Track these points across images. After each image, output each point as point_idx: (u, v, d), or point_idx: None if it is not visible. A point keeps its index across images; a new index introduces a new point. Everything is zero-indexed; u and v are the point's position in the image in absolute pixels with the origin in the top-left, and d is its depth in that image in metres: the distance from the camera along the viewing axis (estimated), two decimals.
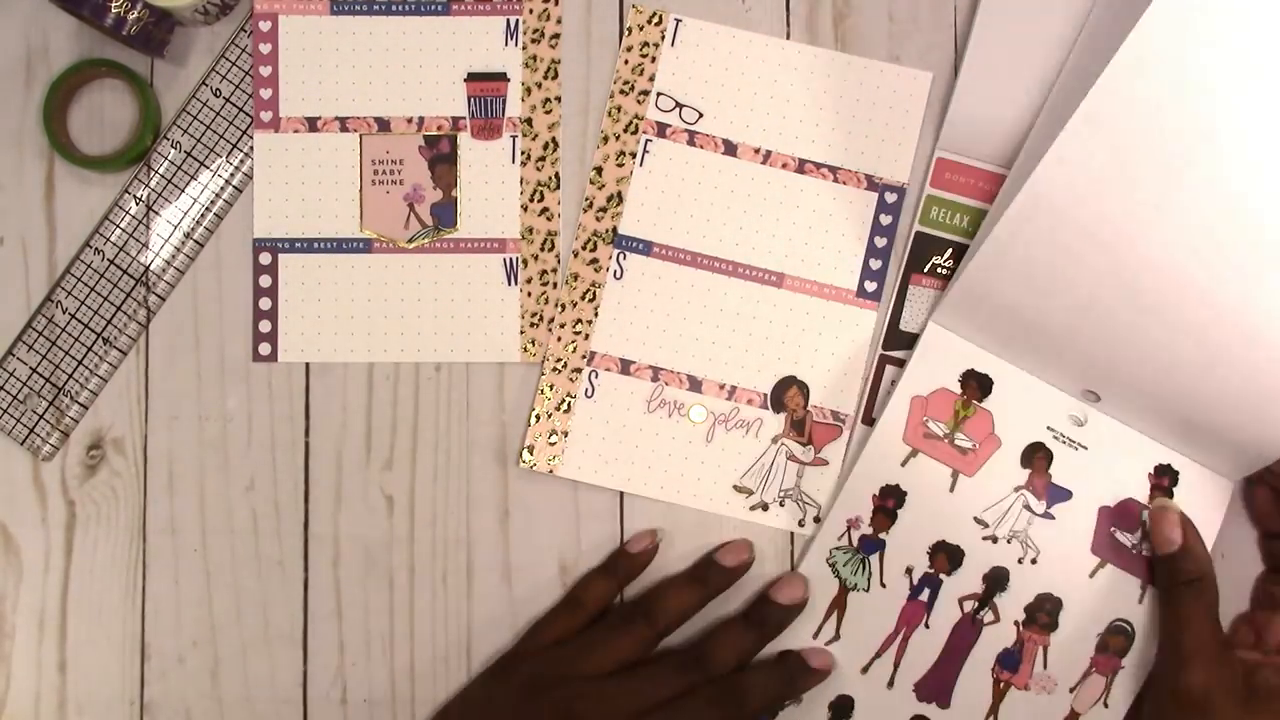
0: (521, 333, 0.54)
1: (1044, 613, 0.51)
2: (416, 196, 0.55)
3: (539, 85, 0.55)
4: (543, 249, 0.55)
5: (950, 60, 0.55)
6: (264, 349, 0.54)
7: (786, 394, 0.54)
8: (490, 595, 0.53)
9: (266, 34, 0.55)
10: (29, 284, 0.54)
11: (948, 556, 0.52)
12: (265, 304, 0.54)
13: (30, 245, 0.54)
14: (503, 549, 0.54)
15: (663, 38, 0.55)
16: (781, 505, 0.53)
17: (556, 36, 0.55)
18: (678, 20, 0.55)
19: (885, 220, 0.54)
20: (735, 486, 0.53)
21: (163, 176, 0.54)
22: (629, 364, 0.54)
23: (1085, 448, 0.52)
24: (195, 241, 0.54)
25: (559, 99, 0.55)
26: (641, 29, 0.55)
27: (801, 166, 0.54)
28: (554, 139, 0.55)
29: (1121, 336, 0.50)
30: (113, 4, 0.51)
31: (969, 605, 0.51)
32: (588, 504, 0.54)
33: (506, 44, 0.55)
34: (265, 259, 0.54)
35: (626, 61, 0.55)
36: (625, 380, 0.54)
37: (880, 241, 0.54)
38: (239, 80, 0.55)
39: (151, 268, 0.54)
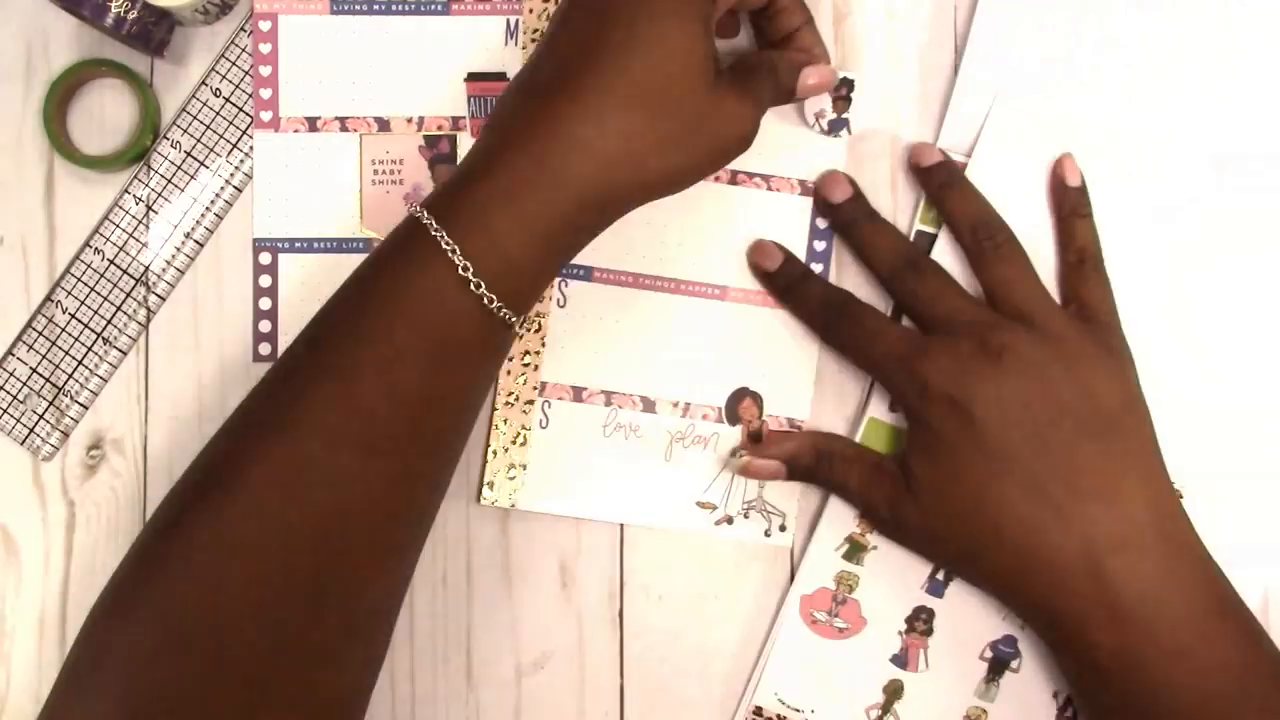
0: None
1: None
2: (416, 196, 0.55)
3: None
4: None
5: (950, 60, 0.55)
6: (264, 349, 0.54)
7: (740, 405, 0.54)
8: (490, 595, 0.53)
9: (266, 34, 0.55)
10: (29, 284, 0.54)
11: None
12: (265, 304, 0.54)
13: (30, 245, 0.54)
14: (503, 549, 0.54)
15: None
16: (746, 517, 0.53)
17: None
18: None
19: (822, 224, 0.54)
20: (698, 503, 0.53)
21: (163, 176, 0.54)
22: (581, 391, 0.54)
23: None
24: (195, 241, 0.54)
25: None
26: None
27: (734, 178, 0.54)
28: None
29: None
30: (113, 4, 0.51)
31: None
32: None
33: (506, 44, 0.55)
34: (265, 259, 0.54)
35: None
36: (578, 407, 0.53)
37: (820, 245, 0.54)
38: (239, 80, 0.55)
39: (151, 268, 0.54)
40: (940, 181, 0.52)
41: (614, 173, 0.43)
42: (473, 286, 0.42)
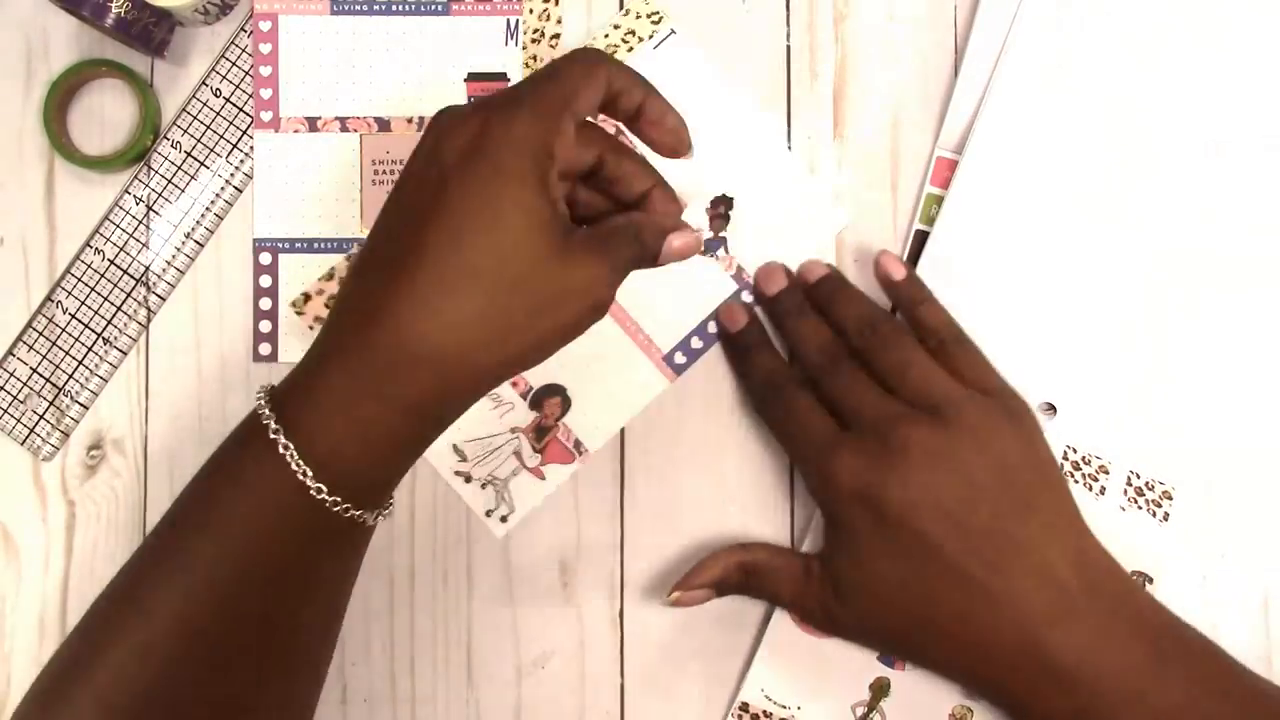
0: None
1: None
2: None
3: None
4: None
5: (950, 60, 0.55)
6: (264, 349, 0.54)
7: (547, 400, 0.53)
8: (490, 595, 0.53)
9: (266, 34, 0.55)
10: (29, 284, 0.54)
11: None
12: (265, 304, 0.54)
13: (30, 245, 0.54)
14: (503, 549, 0.54)
15: (650, 37, 0.55)
16: (483, 488, 0.53)
17: (556, 36, 0.55)
18: (672, 30, 0.55)
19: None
20: (454, 445, 0.53)
21: (163, 176, 0.54)
22: None
23: None
24: (195, 241, 0.54)
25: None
26: (637, 16, 0.55)
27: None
28: None
29: (1072, 344, 0.53)
30: (113, 4, 0.51)
31: None
32: (588, 504, 0.54)
33: (506, 44, 0.55)
34: (265, 259, 0.54)
35: (607, 35, 0.55)
36: None
37: (714, 327, 0.54)
38: (239, 80, 0.55)
39: (151, 268, 0.54)
40: (828, 291, 0.52)
41: (448, 368, 0.40)
42: (329, 501, 0.40)
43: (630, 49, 0.54)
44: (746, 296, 0.54)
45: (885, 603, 0.47)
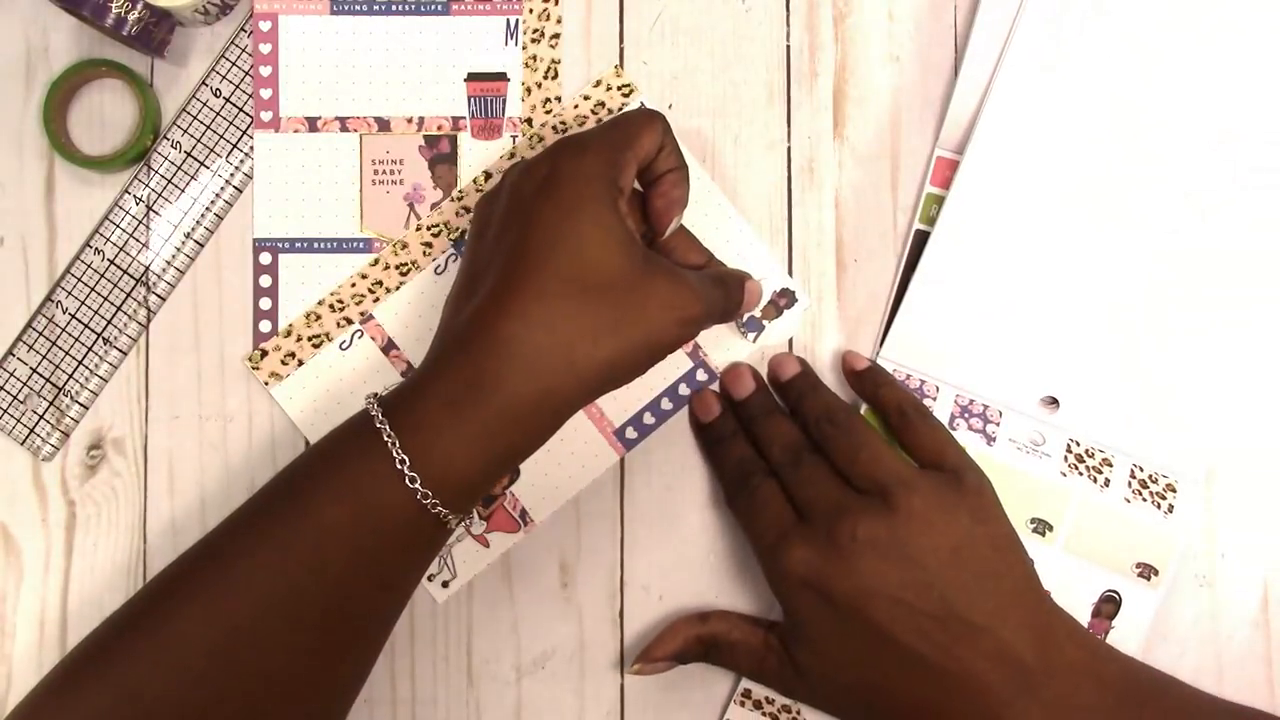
0: None
1: None
2: (417, 196, 0.55)
3: (539, 85, 0.55)
4: None
5: (950, 60, 0.55)
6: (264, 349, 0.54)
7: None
8: (490, 595, 0.53)
9: (266, 34, 0.55)
10: (29, 284, 0.54)
11: None
12: (265, 304, 0.54)
13: (30, 245, 0.54)
14: (503, 549, 0.54)
15: (620, 109, 0.54)
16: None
17: (556, 36, 0.55)
18: (642, 104, 0.54)
19: (684, 390, 0.54)
20: None
21: (163, 176, 0.54)
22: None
23: None
24: (195, 241, 0.54)
25: (559, 99, 0.55)
26: (608, 89, 0.55)
27: None
28: None
29: (1075, 335, 0.53)
30: (113, 4, 0.51)
31: None
32: (588, 504, 0.54)
33: (506, 44, 0.55)
34: (265, 259, 0.54)
35: (577, 106, 0.55)
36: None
37: (666, 405, 0.54)
38: (239, 80, 0.55)
39: (151, 268, 0.54)
40: (798, 392, 0.52)
41: (544, 367, 0.43)
42: (420, 495, 0.42)
43: (599, 120, 0.54)
44: (702, 375, 0.54)
45: (843, 686, 0.48)
